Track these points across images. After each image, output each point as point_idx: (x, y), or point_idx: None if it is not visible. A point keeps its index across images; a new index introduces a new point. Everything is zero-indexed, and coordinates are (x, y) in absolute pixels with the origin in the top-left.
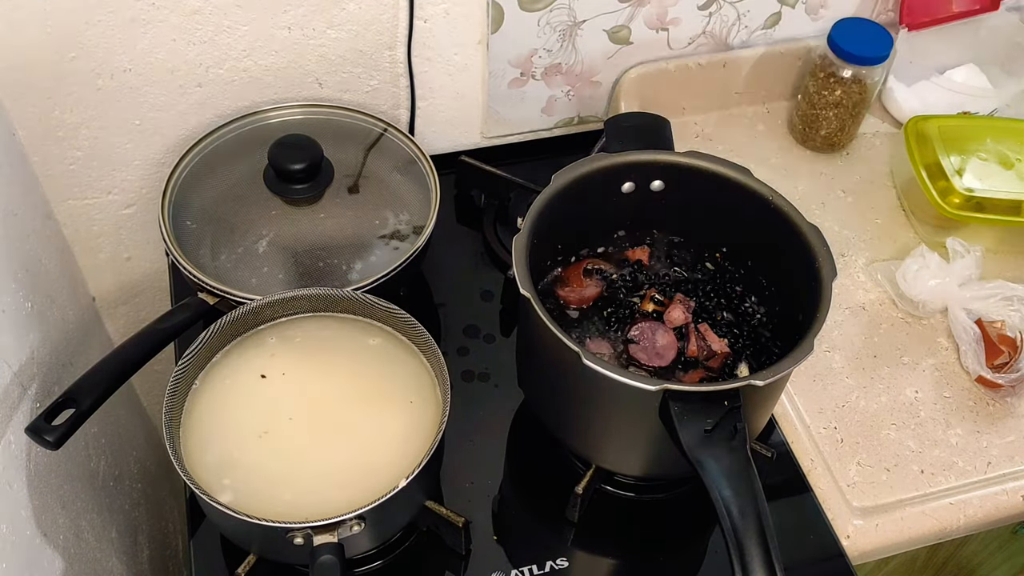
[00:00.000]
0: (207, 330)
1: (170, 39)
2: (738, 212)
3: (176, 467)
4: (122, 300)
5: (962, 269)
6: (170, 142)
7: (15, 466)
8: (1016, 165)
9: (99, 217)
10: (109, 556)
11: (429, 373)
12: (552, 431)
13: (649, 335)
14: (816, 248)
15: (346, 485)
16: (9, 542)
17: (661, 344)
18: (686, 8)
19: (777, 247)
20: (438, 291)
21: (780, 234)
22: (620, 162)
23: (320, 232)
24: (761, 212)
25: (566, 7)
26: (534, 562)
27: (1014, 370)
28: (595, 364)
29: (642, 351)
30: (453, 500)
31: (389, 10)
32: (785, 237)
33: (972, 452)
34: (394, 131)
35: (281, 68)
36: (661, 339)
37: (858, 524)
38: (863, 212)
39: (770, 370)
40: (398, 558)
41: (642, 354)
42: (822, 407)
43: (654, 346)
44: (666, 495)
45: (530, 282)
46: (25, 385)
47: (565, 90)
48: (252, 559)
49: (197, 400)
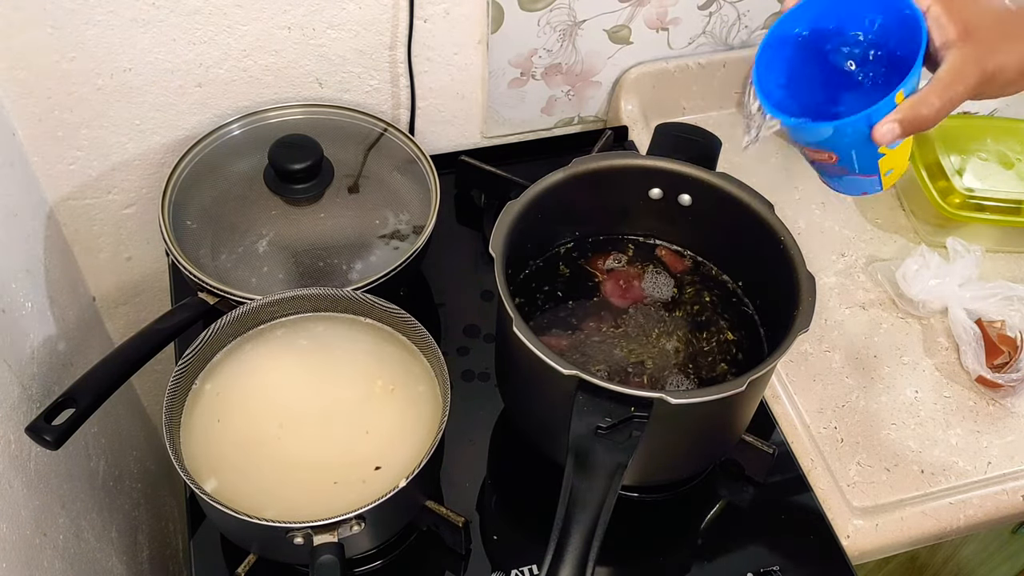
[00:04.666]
0: (207, 330)
1: (170, 39)
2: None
3: (176, 467)
4: (122, 300)
5: (962, 269)
6: (170, 142)
7: (15, 466)
8: (1016, 165)
9: (99, 217)
10: (109, 556)
11: (429, 373)
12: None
13: (624, 275)
14: (803, 296)
15: (346, 485)
16: (9, 542)
17: (626, 284)
18: (686, 8)
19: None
20: (438, 291)
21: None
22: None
23: (320, 232)
24: (766, 245)
25: (566, 7)
26: (534, 562)
27: (1014, 370)
28: (521, 334)
29: (616, 284)
30: (453, 500)
31: (389, 10)
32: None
33: (972, 452)
34: (394, 131)
35: (281, 68)
36: (632, 280)
37: (858, 524)
38: (863, 212)
39: (686, 392)
40: (398, 558)
41: (610, 285)
42: (822, 407)
43: (621, 284)
44: (667, 495)
45: (503, 244)
46: (25, 385)
47: (565, 90)
48: (252, 559)
49: (197, 400)
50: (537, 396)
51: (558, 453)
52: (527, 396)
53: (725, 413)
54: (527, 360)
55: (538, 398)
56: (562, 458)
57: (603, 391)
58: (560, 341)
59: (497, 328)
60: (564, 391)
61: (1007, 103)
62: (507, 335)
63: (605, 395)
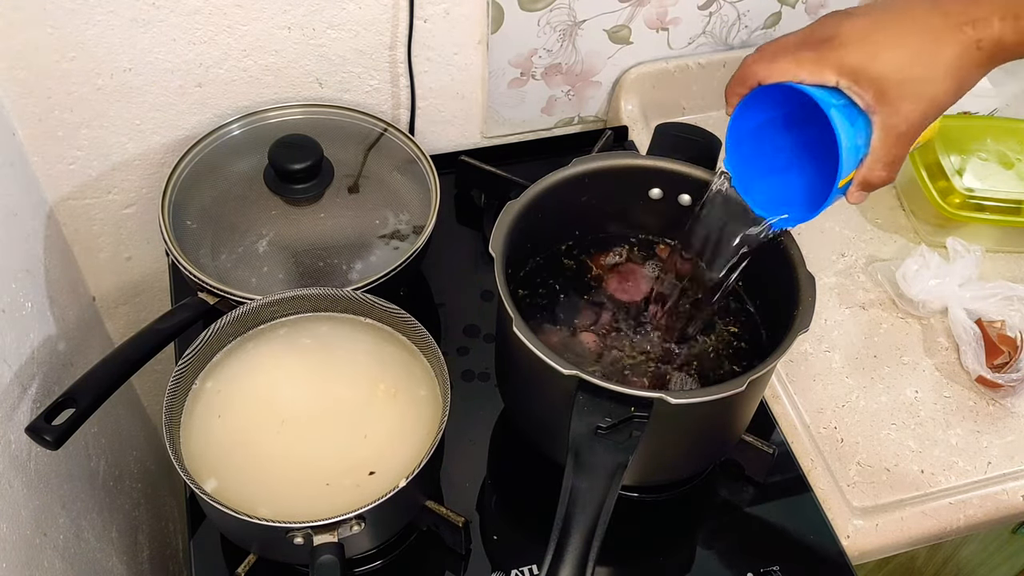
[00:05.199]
0: (207, 330)
1: (170, 39)
2: None
3: (176, 467)
4: (122, 300)
5: (962, 269)
6: (170, 142)
7: (15, 466)
8: (1016, 165)
9: (99, 217)
10: (109, 556)
11: (429, 373)
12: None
13: (630, 274)
14: (803, 296)
15: (346, 485)
16: (9, 542)
17: (633, 282)
18: (686, 8)
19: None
20: (438, 291)
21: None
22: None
23: (320, 232)
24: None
25: (566, 7)
26: (534, 562)
27: (1014, 370)
28: (521, 334)
29: (617, 283)
30: (453, 500)
31: (389, 10)
32: (781, 272)
33: (972, 452)
34: (394, 131)
35: (281, 68)
36: (638, 279)
37: (858, 524)
38: (863, 212)
39: (686, 392)
40: (398, 558)
41: (610, 285)
42: (822, 407)
43: (621, 284)
44: (667, 495)
45: (503, 244)
46: (25, 385)
47: (565, 90)
48: (252, 559)
49: (197, 400)
50: (537, 396)
51: (558, 453)
52: (527, 396)
53: (725, 413)
54: (527, 360)
55: (538, 398)
56: (562, 458)
57: (603, 391)
58: (560, 341)
59: (497, 328)
60: (564, 391)
61: (1007, 103)
62: (507, 335)
63: (605, 395)
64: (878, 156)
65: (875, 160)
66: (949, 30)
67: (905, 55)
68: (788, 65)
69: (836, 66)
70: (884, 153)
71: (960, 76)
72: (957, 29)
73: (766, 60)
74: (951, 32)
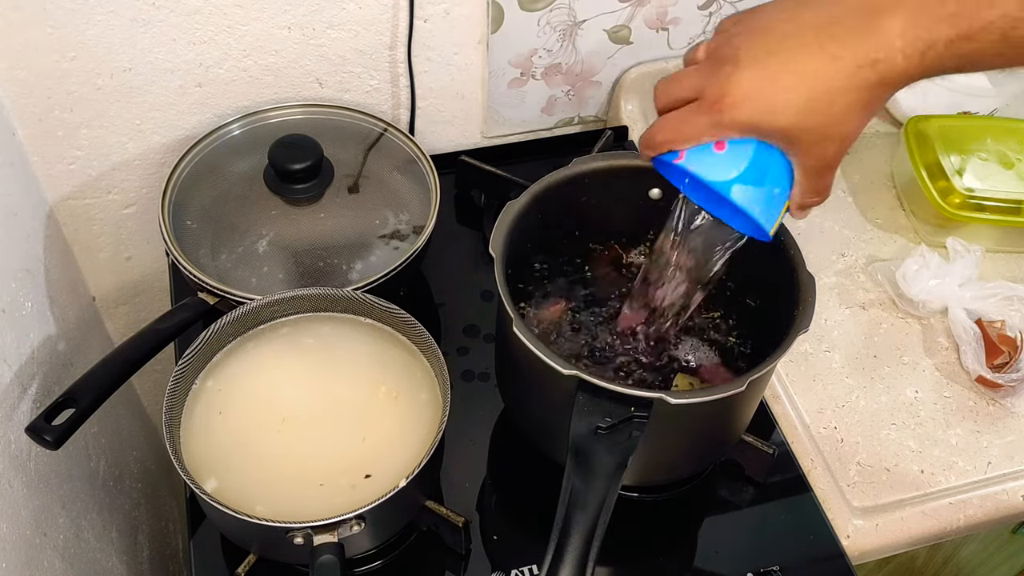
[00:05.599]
0: (207, 330)
1: (170, 39)
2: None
3: (176, 467)
4: (122, 300)
5: (962, 269)
6: (170, 142)
7: (15, 466)
8: (1016, 165)
9: (99, 217)
10: (109, 556)
11: (429, 373)
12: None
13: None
14: (803, 296)
15: (346, 485)
16: (9, 542)
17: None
18: (686, 8)
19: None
20: (438, 291)
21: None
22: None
23: (320, 232)
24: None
25: (566, 7)
26: (534, 562)
27: (1014, 370)
28: (521, 334)
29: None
30: (453, 500)
31: (389, 10)
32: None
33: (972, 452)
34: (394, 131)
35: (281, 68)
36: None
37: (858, 524)
38: (863, 212)
39: (686, 392)
40: (398, 558)
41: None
42: (822, 407)
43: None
44: (667, 495)
45: (503, 244)
46: (25, 385)
47: (565, 90)
48: (252, 559)
49: (197, 400)
50: (537, 396)
51: (558, 453)
52: (527, 396)
53: (725, 413)
54: (527, 360)
55: (538, 398)
56: (562, 458)
57: (603, 391)
58: (559, 340)
59: (497, 328)
60: (564, 391)
61: (1007, 103)
62: (507, 335)
63: (605, 395)
64: (805, 188)
65: (803, 192)
66: (841, 77)
67: (800, 106)
68: (690, 131)
69: (736, 128)
70: (810, 185)
71: (866, 110)
72: (852, 73)
73: (670, 126)
74: (845, 78)
